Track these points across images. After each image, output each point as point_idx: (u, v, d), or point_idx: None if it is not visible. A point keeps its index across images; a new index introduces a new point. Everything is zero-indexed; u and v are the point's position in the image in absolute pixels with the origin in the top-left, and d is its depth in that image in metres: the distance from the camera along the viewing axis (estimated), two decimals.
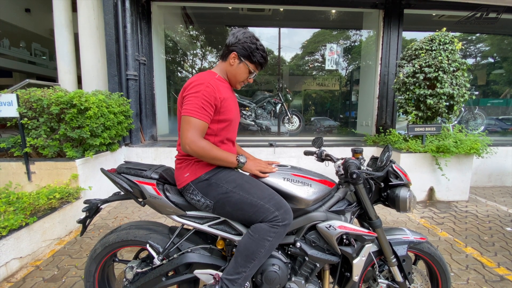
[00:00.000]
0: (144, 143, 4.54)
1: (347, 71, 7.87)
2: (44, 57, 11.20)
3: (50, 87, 3.11)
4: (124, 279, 1.44)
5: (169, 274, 1.41)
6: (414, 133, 3.79)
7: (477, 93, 6.51)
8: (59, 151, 3.06)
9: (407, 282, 1.42)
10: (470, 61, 7.60)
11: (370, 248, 1.32)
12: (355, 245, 1.31)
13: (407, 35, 6.25)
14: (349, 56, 7.63)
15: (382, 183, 1.36)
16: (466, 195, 3.84)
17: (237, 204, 1.23)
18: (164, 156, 4.19)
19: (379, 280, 1.43)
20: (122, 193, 1.45)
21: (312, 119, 7.97)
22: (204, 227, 1.33)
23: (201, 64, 8.13)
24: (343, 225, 1.27)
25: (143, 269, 1.41)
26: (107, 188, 3.47)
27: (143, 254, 1.56)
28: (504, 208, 3.58)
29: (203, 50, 8.08)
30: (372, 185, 1.42)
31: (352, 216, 1.40)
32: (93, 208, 1.43)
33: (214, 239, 1.44)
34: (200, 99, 1.18)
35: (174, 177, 1.45)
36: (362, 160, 1.38)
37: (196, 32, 7.87)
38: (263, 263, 1.29)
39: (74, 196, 2.84)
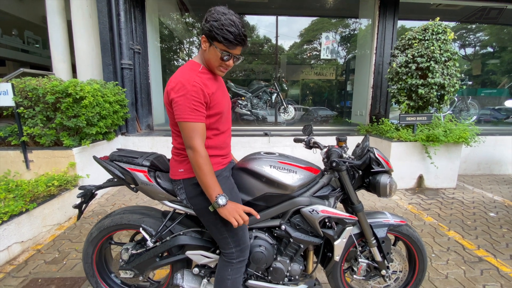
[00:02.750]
0: (141, 132, 4.58)
1: (344, 61, 7.84)
2: (37, 45, 11.00)
3: (45, 76, 3.12)
4: (120, 260, 1.53)
5: (163, 255, 1.51)
6: (405, 122, 3.86)
7: (470, 83, 6.56)
8: (56, 140, 3.10)
9: (385, 262, 1.53)
10: (468, 50, 7.57)
11: (350, 230, 1.41)
12: (336, 228, 1.40)
13: (407, 24, 6.22)
14: (346, 45, 7.59)
15: (360, 171, 1.44)
16: (454, 182, 3.96)
17: (209, 223, 1.29)
18: (161, 145, 4.25)
19: (359, 260, 1.53)
20: (116, 179, 1.52)
21: (310, 108, 7.99)
22: (194, 212, 1.40)
23: (197, 52, 8.05)
24: (325, 209, 1.35)
25: (138, 251, 1.49)
26: (105, 176, 3.52)
27: (138, 237, 1.64)
28: (490, 195, 3.71)
29: (199, 38, 7.98)
30: (355, 172, 1.49)
31: (336, 201, 1.48)
32: (87, 194, 1.50)
33: None
34: (190, 100, 1.11)
35: (165, 165, 1.51)
36: (345, 148, 1.45)
37: (192, 20, 7.76)
38: (251, 244, 1.39)
39: (72, 183, 2.91)
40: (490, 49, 7.68)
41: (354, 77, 6.34)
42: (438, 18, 3.75)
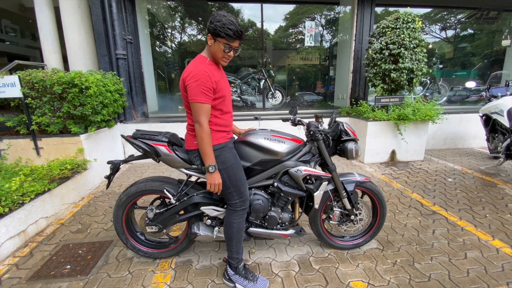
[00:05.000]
0: (137, 120, 4.83)
1: (328, 47, 8.17)
2: (14, 34, 10.63)
3: (45, 67, 3.30)
4: (146, 219, 1.90)
5: (181, 213, 1.89)
6: (380, 103, 4.33)
7: (441, 66, 7.10)
8: (62, 128, 3.34)
9: (354, 210, 1.98)
10: (444, 33, 7.96)
11: (326, 185, 1.84)
12: (315, 183, 1.83)
13: (391, 9, 6.52)
14: (329, 31, 7.90)
15: (333, 140, 1.86)
16: (422, 155, 4.52)
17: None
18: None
19: (334, 209, 1.98)
20: (136, 155, 1.87)
21: (296, 94, 8.34)
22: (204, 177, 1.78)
23: (181, 38, 8.12)
24: (307, 169, 1.77)
25: (160, 210, 1.87)
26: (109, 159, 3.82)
27: (156, 203, 2.01)
28: (451, 165, 4.30)
29: (184, 25, 8.04)
30: (330, 142, 1.91)
31: (316, 165, 1.90)
32: (116, 167, 1.84)
33: None
34: (201, 86, 1.42)
35: (178, 140, 1.87)
36: (321, 122, 1.86)
37: (178, 6, 7.78)
38: (251, 199, 1.79)
39: (83, 167, 3.20)
40: (468, 32, 8.06)
41: (336, 62, 6.72)
42: (409, 7, 4.16)
